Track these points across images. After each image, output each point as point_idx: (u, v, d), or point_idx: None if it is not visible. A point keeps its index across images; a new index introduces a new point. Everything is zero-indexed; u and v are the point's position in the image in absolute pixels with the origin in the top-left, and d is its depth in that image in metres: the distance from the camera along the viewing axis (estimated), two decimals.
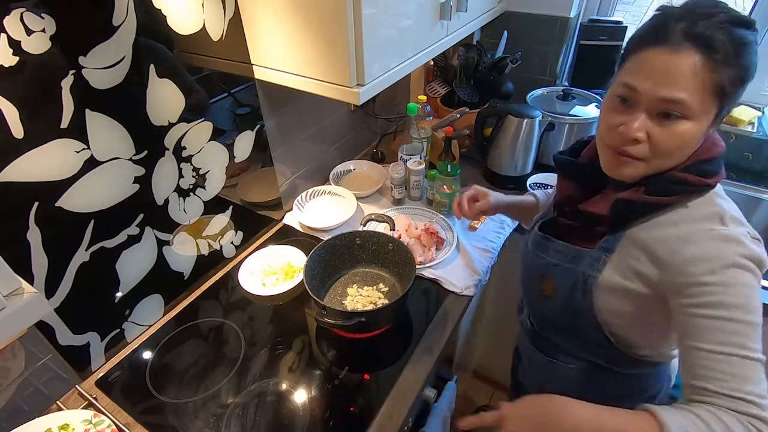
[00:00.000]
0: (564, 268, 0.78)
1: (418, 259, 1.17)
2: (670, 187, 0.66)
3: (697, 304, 0.61)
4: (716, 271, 0.60)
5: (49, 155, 0.75)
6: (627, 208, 0.69)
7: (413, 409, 0.94)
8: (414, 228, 1.26)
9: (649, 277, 0.67)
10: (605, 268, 0.72)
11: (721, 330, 0.59)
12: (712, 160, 0.67)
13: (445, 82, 1.74)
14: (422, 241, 1.22)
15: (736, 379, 0.57)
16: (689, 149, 0.66)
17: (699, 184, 0.65)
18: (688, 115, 0.62)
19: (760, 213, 1.45)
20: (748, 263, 0.60)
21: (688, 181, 0.65)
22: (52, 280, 0.82)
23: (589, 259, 0.74)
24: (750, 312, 0.59)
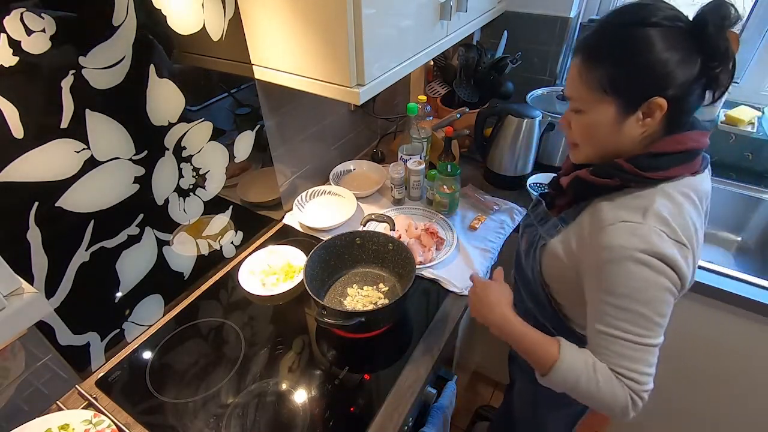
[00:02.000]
0: (533, 228, 0.89)
1: (418, 259, 1.17)
2: (608, 170, 0.72)
3: (596, 287, 0.70)
4: (614, 260, 0.66)
5: (49, 155, 0.75)
6: (578, 184, 0.77)
7: (413, 409, 0.94)
8: (414, 228, 1.25)
9: (573, 252, 0.76)
10: (557, 235, 0.81)
11: (610, 314, 0.68)
12: (661, 155, 0.69)
13: (445, 82, 1.74)
14: (422, 241, 1.22)
15: (621, 358, 0.67)
16: (600, 138, 0.73)
17: (631, 172, 0.69)
18: (583, 109, 0.72)
19: (760, 213, 1.45)
20: (648, 259, 0.64)
21: (622, 167, 0.70)
22: (52, 280, 0.82)
23: (549, 225, 0.84)
24: (640, 303, 0.66)
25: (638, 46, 0.64)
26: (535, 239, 0.86)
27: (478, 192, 1.45)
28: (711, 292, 1.17)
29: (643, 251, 0.64)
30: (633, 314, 0.66)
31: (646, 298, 0.66)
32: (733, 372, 1.29)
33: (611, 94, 0.67)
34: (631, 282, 0.66)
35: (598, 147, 0.75)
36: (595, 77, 0.68)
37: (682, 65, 0.63)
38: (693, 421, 1.46)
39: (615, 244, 0.66)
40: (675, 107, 0.66)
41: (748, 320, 1.16)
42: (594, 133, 0.73)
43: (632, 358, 0.67)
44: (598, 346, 0.69)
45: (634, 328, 0.66)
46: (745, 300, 1.13)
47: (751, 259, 1.48)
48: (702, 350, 1.30)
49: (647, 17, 0.64)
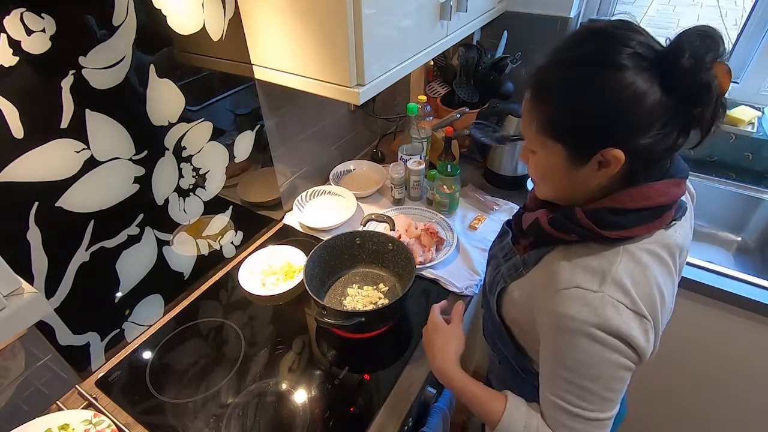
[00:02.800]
0: (497, 262, 0.80)
1: (418, 259, 1.17)
2: (565, 223, 0.63)
3: (548, 351, 0.64)
4: (563, 330, 0.60)
5: (49, 155, 0.75)
6: (535, 229, 0.69)
7: (413, 409, 0.94)
8: (414, 228, 1.25)
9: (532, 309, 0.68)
10: (519, 279, 0.73)
11: (558, 385, 0.63)
12: (624, 212, 0.60)
13: (445, 82, 1.74)
14: (422, 242, 1.22)
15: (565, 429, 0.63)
16: (552, 181, 0.65)
17: (588, 228, 0.60)
18: (532, 150, 0.65)
19: (760, 213, 1.46)
20: (599, 335, 0.57)
21: (579, 222, 0.61)
22: (52, 280, 0.82)
23: (511, 264, 0.75)
24: (587, 379, 0.60)
25: (590, 89, 0.54)
26: (496, 278, 0.78)
27: (478, 192, 1.45)
28: (711, 292, 1.17)
29: (594, 326, 0.57)
30: (580, 389, 0.60)
31: (594, 374, 0.59)
32: (733, 372, 1.29)
33: (559, 141, 0.59)
34: (579, 356, 0.59)
35: (557, 189, 0.66)
36: (542, 119, 0.59)
37: (644, 111, 0.52)
38: (693, 421, 1.46)
39: (565, 313, 0.59)
40: (637, 158, 0.56)
41: (748, 320, 1.16)
42: (548, 176, 0.65)
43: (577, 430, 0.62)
44: (546, 410, 0.66)
45: (581, 402, 0.61)
46: (745, 300, 1.13)
47: (751, 259, 1.48)
48: (702, 350, 1.30)
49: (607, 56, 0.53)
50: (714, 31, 0.51)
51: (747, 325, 1.17)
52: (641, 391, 1.47)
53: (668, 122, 0.53)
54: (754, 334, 1.18)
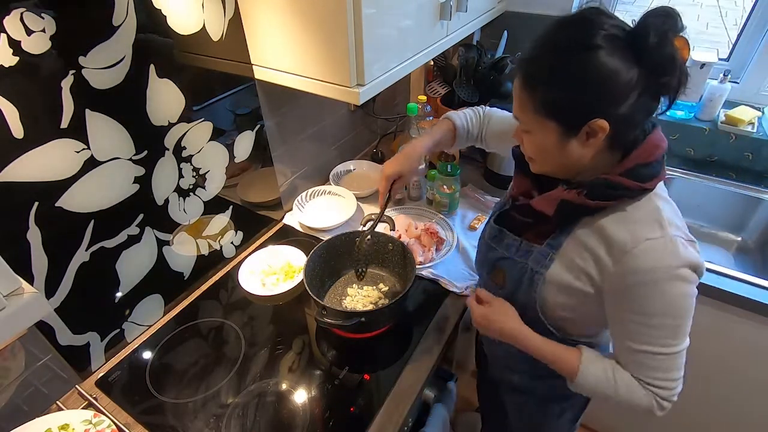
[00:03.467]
0: (514, 262, 0.82)
1: (418, 259, 1.17)
2: (608, 191, 0.68)
3: (629, 309, 0.69)
4: (647, 283, 0.66)
5: (49, 155, 0.75)
6: (569, 209, 0.72)
7: (413, 409, 0.94)
8: (414, 228, 1.25)
9: (593, 278, 0.72)
10: (552, 264, 0.76)
11: (643, 333, 0.69)
12: (650, 164, 0.68)
13: (445, 82, 1.74)
14: (422, 241, 1.22)
15: (654, 371, 0.71)
16: (549, 157, 0.71)
17: (635, 188, 0.67)
18: (527, 130, 0.71)
19: (760, 213, 1.46)
20: (681, 273, 0.65)
21: (624, 185, 0.67)
22: (52, 280, 0.82)
23: (537, 255, 0.78)
24: (677, 317, 0.67)
25: (574, 70, 0.62)
26: (524, 273, 0.80)
27: (478, 192, 1.45)
28: (711, 292, 1.17)
29: (676, 267, 0.64)
30: (667, 329, 0.68)
31: (680, 311, 0.67)
32: (733, 372, 1.29)
33: (551, 118, 0.66)
34: (666, 299, 0.66)
35: (553, 164, 0.73)
36: (534, 100, 0.66)
37: (621, 85, 0.60)
38: (692, 420, 1.46)
39: (648, 266, 0.65)
40: (619, 126, 0.64)
41: (748, 320, 1.16)
42: (544, 152, 0.71)
43: (665, 368, 0.70)
44: (632, 362, 0.72)
45: (668, 340, 0.68)
46: (745, 300, 1.13)
47: (751, 259, 1.48)
48: (702, 350, 1.29)
49: (584, 39, 0.61)
50: (672, 11, 0.59)
51: (747, 325, 1.17)
52: None
53: (642, 92, 0.61)
54: (754, 334, 1.18)
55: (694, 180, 1.50)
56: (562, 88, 0.63)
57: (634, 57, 0.60)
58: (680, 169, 1.52)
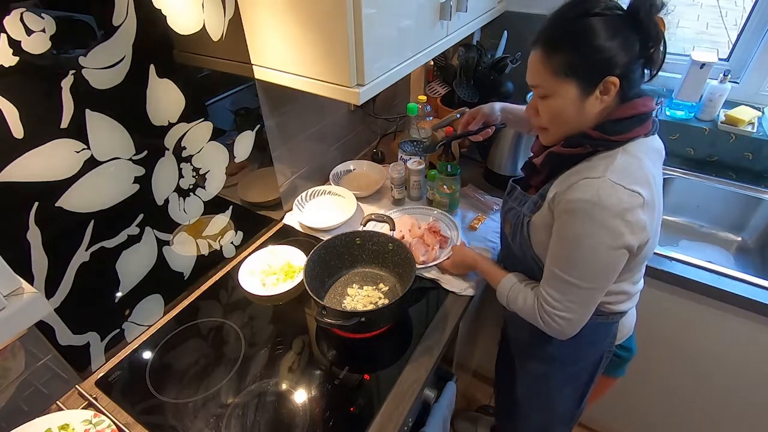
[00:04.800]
0: (515, 210, 0.95)
1: (421, 259, 1.17)
2: (578, 140, 0.81)
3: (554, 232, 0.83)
4: (569, 211, 0.77)
5: (49, 155, 0.75)
6: (552, 159, 0.86)
7: (413, 409, 0.94)
8: (417, 228, 1.26)
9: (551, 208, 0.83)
10: (539, 210, 0.87)
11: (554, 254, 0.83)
12: (622, 120, 0.79)
13: (445, 82, 1.74)
14: (425, 241, 1.22)
15: (545, 283, 0.86)
16: (567, 117, 0.81)
17: (598, 138, 0.79)
18: (548, 94, 0.80)
19: (760, 213, 1.45)
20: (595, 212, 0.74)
21: (589, 135, 0.80)
22: (52, 280, 0.82)
23: (529, 203, 0.90)
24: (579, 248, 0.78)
25: (588, 33, 0.73)
26: (519, 219, 0.93)
27: (478, 192, 1.45)
28: (711, 292, 1.17)
29: (593, 203, 0.74)
30: (569, 257, 0.80)
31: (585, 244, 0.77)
32: (733, 372, 1.29)
33: (572, 77, 0.76)
34: (575, 229, 0.77)
35: (566, 126, 0.83)
36: (555, 64, 0.77)
37: (624, 48, 0.73)
38: (692, 419, 1.46)
39: (574, 197, 0.76)
40: (625, 83, 0.76)
41: (748, 320, 1.16)
42: (561, 114, 0.81)
43: (555, 287, 0.84)
44: (544, 277, 0.87)
45: (567, 269, 0.81)
46: (745, 300, 1.13)
47: (751, 259, 1.48)
48: (702, 350, 1.30)
49: (590, 8, 0.74)
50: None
51: (747, 325, 1.17)
52: (642, 389, 1.48)
53: (638, 57, 0.76)
54: (754, 334, 1.18)
55: (694, 180, 1.50)
56: (580, 49, 0.75)
57: (630, 28, 0.74)
58: (680, 169, 1.52)
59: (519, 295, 0.93)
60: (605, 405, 1.30)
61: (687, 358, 1.32)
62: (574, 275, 0.80)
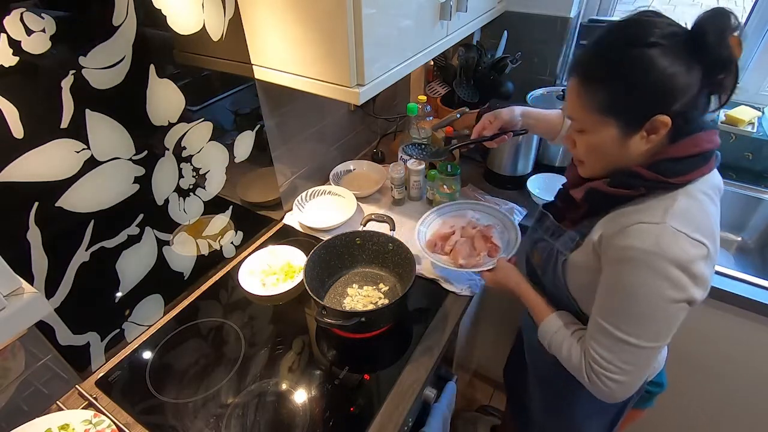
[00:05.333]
0: (547, 243, 0.88)
1: (460, 261, 1.08)
2: (627, 180, 0.71)
3: (604, 283, 0.73)
4: (624, 260, 0.68)
5: (49, 155, 0.75)
6: (593, 196, 0.76)
7: (413, 409, 0.94)
8: (472, 228, 1.16)
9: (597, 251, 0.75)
10: (577, 248, 0.80)
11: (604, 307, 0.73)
12: (680, 160, 0.69)
13: (445, 82, 1.74)
14: (474, 244, 1.13)
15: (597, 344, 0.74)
16: (606, 155, 0.73)
17: (653, 179, 0.68)
18: (583, 129, 0.73)
19: (760, 213, 1.45)
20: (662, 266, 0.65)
21: (641, 175, 0.69)
22: (52, 280, 0.82)
23: (565, 238, 0.83)
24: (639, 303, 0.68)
25: (636, 67, 0.63)
26: (552, 254, 0.85)
27: (478, 192, 1.45)
28: (711, 292, 1.16)
29: (654, 254, 0.64)
30: (627, 313, 0.69)
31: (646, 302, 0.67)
32: (733, 371, 1.29)
33: (612, 116, 0.68)
34: (634, 283, 0.67)
35: (606, 163, 0.75)
36: (593, 99, 0.68)
37: (682, 81, 0.62)
38: (693, 420, 1.46)
39: (629, 245, 0.67)
40: (679, 121, 0.65)
41: (748, 320, 1.16)
42: (599, 151, 0.73)
43: (609, 348, 0.72)
44: (589, 331, 0.76)
45: (621, 324, 0.70)
46: (745, 300, 1.13)
47: (751, 259, 1.48)
48: (702, 350, 1.30)
49: (645, 37, 0.63)
50: (727, 10, 0.61)
51: (747, 325, 1.17)
52: None
53: (701, 88, 0.64)
54: (754, 334, 1.18)
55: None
56: (624, 85, 0.65)
57: (693, 55, 0.62)
58: None
59: (564, 344, 0.81)
60: None
61: (686, 358, 1.32)
62: (630, 332, 0.70)
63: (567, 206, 0.86)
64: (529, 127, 1.07)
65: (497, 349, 1.61)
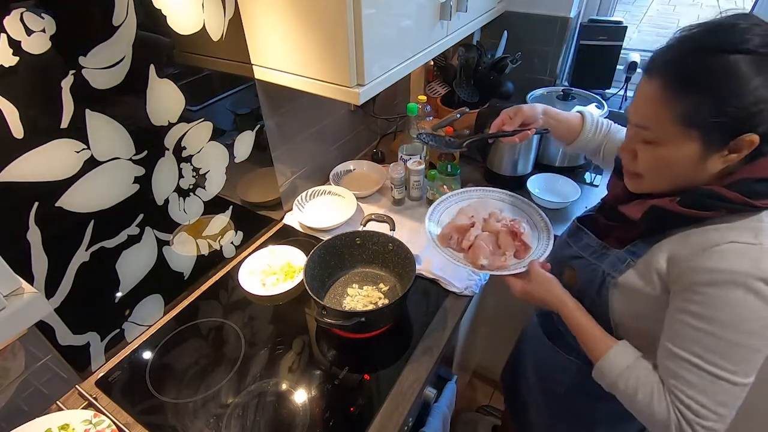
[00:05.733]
0: (587, 262, 0.80)
1: (480, 262, 0.89)
2: (705, 201, 0.63)
3: (687, 309, 0.62)
4: (719, 284, 0.59)
5: (49, 155, 0.75)
6: (658, 215, 0.67)
7: (413, 409, 0.94)
8: (496, 221, 0.97)
9: (662, 275, 0.67)
10: (627, 270, 0.72)
11: (694, 339, 0.61)
12: (762, 181, 0.61)
13: (445, 82, 1.74)
14: (499, 241, 0.94)
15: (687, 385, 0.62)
16: (677, 173, 0.65)
17: (739, 201, 0.61)
18: (657, 141, 0.64)
19: None
20: (758, 286, 0.57)
21: (724, 197, 0.61)
22: (52, 280, 0.82)
23: (613, 259, 0.75)
24: (739, 334, 0.59)
25: (733, 78, 0.56)
26: (596, 276, 0.77)
27: None
28: None
29: (754, 276, 0.57)
30: (722, 344, 0.60)
31: (749, 329, 0.59)
32: None
33: (697, 130, 0.60)
34: (734, 309, 0.59)
35: (672, 180, 0.67)
36: (680, 109, 0.60)
37: None
38: None
39: (723, 267, 0.59)
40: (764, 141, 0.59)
41: None
42: (669, 168, 0.65)
43: (704, 390, 0.61)
44: (667, 368, 0.64)
45: (717, 358, 0.60)
46: None
47: None
48: None
49: (739, 42, 0.56)
50: None
51: None
52: None
53: None
54: None
55: None
56: (717, 96, 0.57)
57: None
58: None
59: (640, 388, 0.66)
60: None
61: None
62: (727, 367, 0.60)
63: (614, 223, 0.77)
64: (550, 127, 0.99)
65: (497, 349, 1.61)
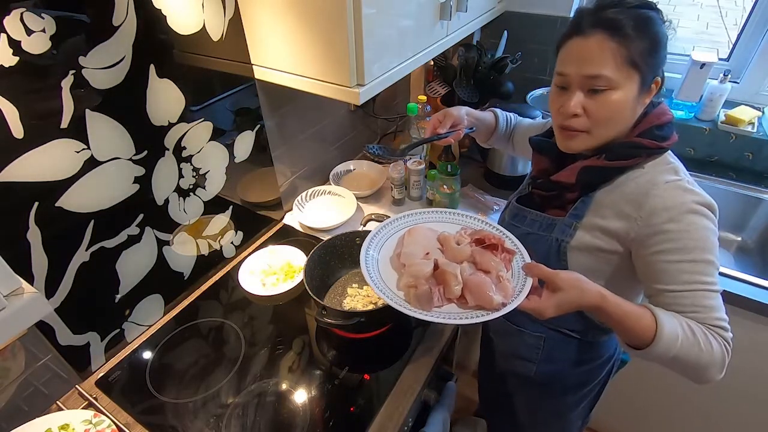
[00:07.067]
0: (539, 236, 0.84)
1: (496, 302, 0.68)
2: (628, 151, 0.74)
3: (661, 251, 0.70)
4: (675, 218, 0.69)
5: (49, 155, 0.75)
6: (590, 174, 0.77)
7: (413, 409, 0.94)
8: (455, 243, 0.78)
9: (617, 232, 0.75)
10: (576, 233, 0.79)
11: (684, 271, 0.69)
12: (663, 126, 0.75)
13: (445, 82, 1.73)
14: (483, 265, 0.74)
15: (705, 310, 0.68)
16: (623, 116, 0.73)
17: (654, 147, 0.73)
18: (612, 86, 0.71)
19: (760, 213, 1.45)
20: (702, 209, 0.69)
21: (644, 145, 0.73)
22: (52, 280, 0.82)
23: (561, 227, 0.81)
24: (707, 251, 0.68)
25: (655, 26, 0.69)
26: (552, 246, 0.81)
27: (478, 192, 1.45)
28: None
29: (697, 202, 0.69)
30: (705, 264, 0.68)
31: (710, 245, 0.68)
32: (733, 372, 1.28)
33: (638, 70, 0.70)
34: (697, 233, 0.68)
35: (615, 129, 0.74)
36: (626, 53, 0.69)
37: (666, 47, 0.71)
38: (692, 420, 1.46)
39: (671, 203, 0.69)
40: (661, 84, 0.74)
41: (748, 320, 1.16)
42: (620, 111, 0.72)
43: (716, 307, 0.68)
44: (684, 306, 0.68)
45: (708, 278, 0.68)
46: (745, 300, 1.13)
47: (751, 259, 1.48)
48: None
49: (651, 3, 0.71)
50: None
51: (747, 325, 1.17)
52: (638, 387, 1.47)
53: None
54: (754, 334, 1.18)
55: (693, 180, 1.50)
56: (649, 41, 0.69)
57: None
58: None
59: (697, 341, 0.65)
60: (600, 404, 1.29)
61: None
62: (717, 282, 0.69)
63: (551, 193, 0.84)
64: (475, 126, 1.04)
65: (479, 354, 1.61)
